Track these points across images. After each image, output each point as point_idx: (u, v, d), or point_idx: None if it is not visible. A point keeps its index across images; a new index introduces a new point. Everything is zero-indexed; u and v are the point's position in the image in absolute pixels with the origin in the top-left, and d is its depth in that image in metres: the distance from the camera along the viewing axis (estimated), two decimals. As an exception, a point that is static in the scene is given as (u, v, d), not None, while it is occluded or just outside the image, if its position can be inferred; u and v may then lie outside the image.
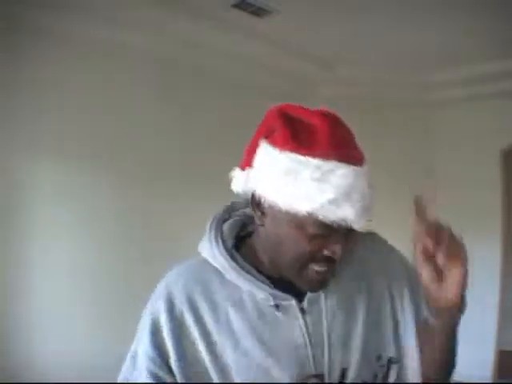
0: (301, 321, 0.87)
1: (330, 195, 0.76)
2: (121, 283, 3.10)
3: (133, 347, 0.89)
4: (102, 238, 3.08)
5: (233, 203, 0.99)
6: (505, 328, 4.10)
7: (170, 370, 0.84)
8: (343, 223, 0.78)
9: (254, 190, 0.84)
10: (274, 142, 0.82)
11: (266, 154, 0.83)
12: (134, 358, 0.88)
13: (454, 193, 4.31)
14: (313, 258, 0.83)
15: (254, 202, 0.85)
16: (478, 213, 4.17)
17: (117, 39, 3.09)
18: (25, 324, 2.75)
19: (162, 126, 3.35)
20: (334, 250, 0.82)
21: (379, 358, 0.91)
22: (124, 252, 3.13)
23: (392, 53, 3.87)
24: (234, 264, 0.88)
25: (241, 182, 0.87)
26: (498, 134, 4.10)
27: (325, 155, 0.78)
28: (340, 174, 0.77)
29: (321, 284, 0.87)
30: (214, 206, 0.99)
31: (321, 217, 0.77)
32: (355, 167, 0.79)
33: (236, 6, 3.11)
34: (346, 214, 0.77)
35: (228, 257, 0.89)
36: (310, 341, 0.87)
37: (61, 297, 2.89)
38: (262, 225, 0.86)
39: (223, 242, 0.91)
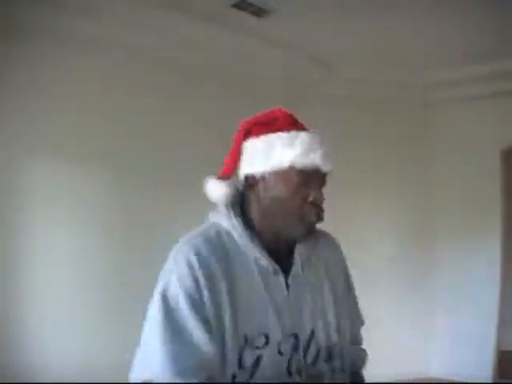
0: (285, 292, 1.11)
1: (299, 150, 1.07)
2: (121, 283, 3.10)
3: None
4: (101, 238, 3.09)
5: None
6: (505, 328, 4.10)
7: (202, 299, 1.01)
8: (314, 168, 1.07)
9: (246, 174, 1.11)
10: (252, 137, 1.12)
11: (249, 146, 1.12)
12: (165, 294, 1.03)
13: (454, 192, 4.31)
14: (301, 206, 1.08)
15: (248, 184, 1.11)
16: (478, 213, 4.18)
17: (116, 39, 3.09)
18: (25, 324, 2.75)
19: (161, 125, 3.35)
20: (316, 196, 1.08)
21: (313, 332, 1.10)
22: (124, 252, 3.13)
23: (392, 53, 3.88)
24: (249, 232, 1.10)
25: (227, 183, 1.14)
26: (498, 134, 4.10)
27: (287, 130, 1.10)
28: (301, 136, 1.09)
29: (312, 226, 1.11)
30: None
31: (298, 165, 1.06)
32: (309, 133, 1.11)
33: (236, 5, 3.12)
34: (313, 159, 1.07)
35: (244, 228, 1.10)
36: (291, 308, 1.10)
37: (61, 296, 2.89)
38: (258, 200, 1.10)
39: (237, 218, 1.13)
